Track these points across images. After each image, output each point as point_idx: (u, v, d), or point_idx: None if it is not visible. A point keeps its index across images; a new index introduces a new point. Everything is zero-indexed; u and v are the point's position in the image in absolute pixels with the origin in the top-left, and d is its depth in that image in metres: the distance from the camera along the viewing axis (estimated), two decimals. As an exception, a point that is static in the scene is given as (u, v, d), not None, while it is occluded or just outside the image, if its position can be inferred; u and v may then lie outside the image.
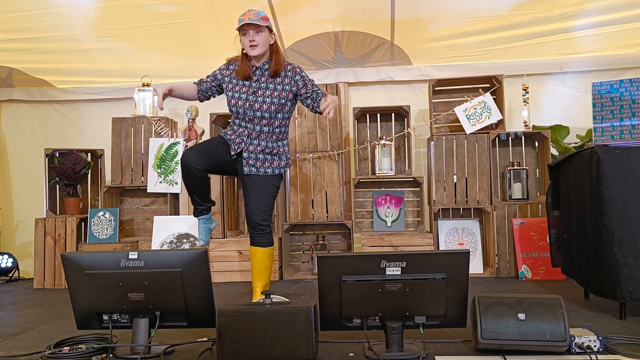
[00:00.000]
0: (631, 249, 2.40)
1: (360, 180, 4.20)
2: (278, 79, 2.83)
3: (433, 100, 4.29)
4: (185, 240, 4.05)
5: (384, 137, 4.24)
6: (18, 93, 4.99)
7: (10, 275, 4.55)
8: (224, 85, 2.93)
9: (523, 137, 4.22)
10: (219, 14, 4.03)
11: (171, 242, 4.02)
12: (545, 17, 3.99)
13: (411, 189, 4.36)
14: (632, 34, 4.15)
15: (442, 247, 4.09)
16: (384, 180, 4.30)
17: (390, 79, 4.66)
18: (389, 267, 1.92)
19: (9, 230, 5.02)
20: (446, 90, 4.40)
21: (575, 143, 4.28)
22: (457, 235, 4.10)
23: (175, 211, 4.31)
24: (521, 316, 1.93)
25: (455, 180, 4.05)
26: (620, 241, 2.42)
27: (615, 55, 4.36)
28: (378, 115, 4.46)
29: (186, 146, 4.27)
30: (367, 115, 4.47)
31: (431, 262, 1.93)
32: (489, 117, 4.02)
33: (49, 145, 4.83)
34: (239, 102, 2.82)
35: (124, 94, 4.82)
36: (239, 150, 2.87)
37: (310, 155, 4.17)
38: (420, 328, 1.98)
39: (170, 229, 4.06)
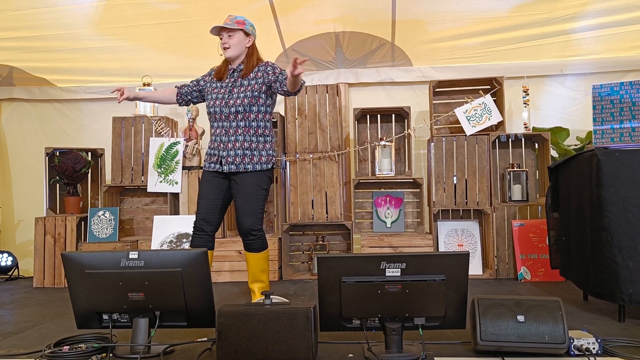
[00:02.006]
0: (630, 251, 2.40)
1: (360, 181, 4.20)
2: (252, 74, 2.89)
3: (433, 102, 4.29)
4: (185, 240, 4.06)
5: (384, 138, 4.25)
6: (19, 92, 4.99)
7: (10, 273, 4.55)
8: (205, 91, 3.01)
9: (523, 139, 4.22)
10: (220, 12, 4.03)
11: (171, 241, 4.03)
12: (545, 19, 4.00)
13: (411, 190, 4.37)
14: (633, 37, 4.16)
15: (442, 248, 4.09)
16: (384, 181, 4.30)
17: (390, 80, 4.66)
18: (388, 268, 1.93)
19: (9, 228, 5.02)
20: (446, 91, 4.40)
21: (575, 145, 4.28)
22: (456, 236, 4.10)
23: (175, 211, 4.32)
24: (520, 318, 1.93)
25: (455, 182, 4.05)
26: (619, 243, 2.42)
27: (615, 57, 4.36)
28: (378, 116, 4.47)
29: (186, 146, 4.28)
30: (368, 116, 4.47)
31: (431, 263, 1.93)
32: (489, 119, 4.03)
33: (49, 144, 4.83)
34: (216, 102, 2.89)
35: (124, 93, 4.81)
36: (221, 156, 2.88)
37: (311, 155, 4.17)
38: (420, 329, 1.99)
39: (170, 229, 4.06)
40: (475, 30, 4.16)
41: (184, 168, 4.22)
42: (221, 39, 2.89)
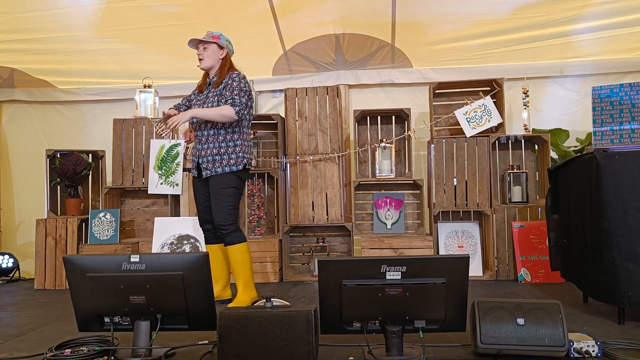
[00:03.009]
0: (630, 253, 2.41)
1: (361, 182, 4.21)
2: (219, 86, 3.10)
3: (433, 103, 4.30)
4: (185, 242, 4.07)
5: (385, 140, 4.25)
6: (19, 93, 5.00)
7: (11, 275, 4.56)
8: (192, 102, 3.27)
9: (523, 141, 4.23)
10: (220, 15, 4.04)
11: (172, 243, 4.04)
12: (545, 20, 4.01)
13: (411, 191, 4.37)
14: (633, 38, 4.17)
15: (442, 249, 4.10)
16: (384, 182, 4.31)
17: (390, 81, 4.67)
18: (389, 271, 1.94)
19: (10, 230, 5.03)
20: (447, 93, 4.41)
21: (575, 146, 4.29)
22: (456, 238, 4.11)
23: (176, 212, 4.33)
24: (520, 321, 1.94)
25: (455, 183, 4.06)
26: (619, 246, 2.43)
27: (615, 59, 4.37)
28: (378, 117, 4.48)
29: (187, 147, 4.29)
30: (368, 117, 4.48)
31: (431, 266, 1.94)
32: (489, 121, 4.03)
33: (50, 146, 4.84)
34: None
35: (125, 95, 4.83)
36: (198, 163, 3.14)
37: (311, 157, 4.18)
38: (420, 332, 1.99)
39: (171, 230, 4.07)
40: (475, 32, 4.17)
41: (184, 170, 4.23)
42: (198, 51, 3.13)
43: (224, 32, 4.18)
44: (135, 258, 2.03)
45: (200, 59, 3.11)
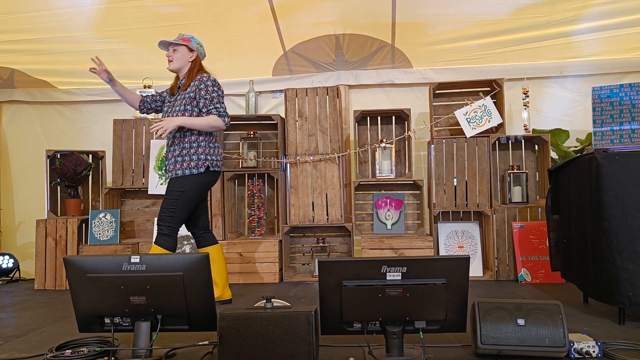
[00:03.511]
0: (630, 254, 2.41)
1: (361, 182, 4.21)
2: (188, 88, 3.06)
3: (433, 104, 4.30)
4: (185, 242, 4.07)
5: (385, 140, 4.25)
6: (19, 94, 5.00)
7: (11, 275, 4.56)
8: (165, 104, 3.22)
9: (523, 141, 4.23)
10: (221, 16, 4.04)
11: (172, 243, 4.03)
12: (545, 21, 4.01)
13: (411, 191, 4.38)
14: (632, 39, 4.17)
15: (442, 250, 4.10)
16: (385, 183, 4.31)
17: (390, 81, 4.66)
18: (389, 272, 1.94)
19: (10, 230, 5.03)
20: (447, 93, 4.41)
21: (575, 147, 4.29)
22: (457, 238, 4.11)
23: (176, 213, 4.32)
24: (520, 321, 1.94)
25: (455, 184, 4.06)
26: (619, 246, 2.43)
27: (615, 59, 4.37)
28: (379, 118, 4.48)
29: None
30: (368, 118, 4.48)
31: (431, 267, 1.94)
32: (489, 121, 4.03)
33: (50, 146, 4.84)
34: (165, 115, 3.11)
35: (125, 95, 4.82)
36: (166, 165, 3.10)
37: (311, 157, 4.18)
38: (420, 333, 1.99)
39: (171, 231, 4.06)
40: (475, 32, 4.17)
41: (184, 170, 4.23)
42: (167, 53, 3.12)
43: (224, 32, 4.22)
44: (135, 259, 2.03)
45: (169, 60, 3.09)
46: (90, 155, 4.46)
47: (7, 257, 4.58)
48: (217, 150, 3.08)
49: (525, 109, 4.09)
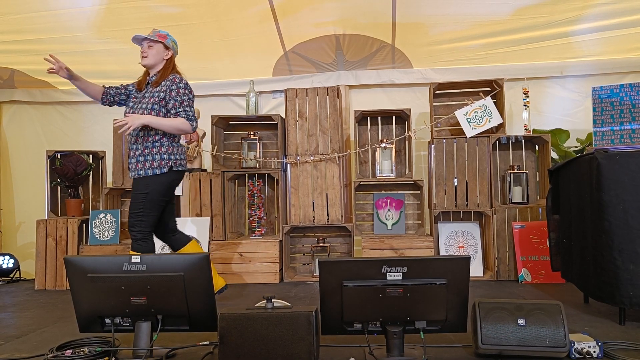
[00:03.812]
0: (631, 254, 2.41)
1: (361, 183, 4.21)
2: (158, 87, 3.00)
3: (434, 104, 4.30)
4: (186, 242, 4.06)
5: (385, 140, 4.26)
6: (20, 94, 5.00)
7: (11, 276, 4.56)
8: (129, 98, 3.14)
9: (523, 141, 4.23)
10: (221, 16, 4.04)
11: (172, 244, 4.03)
12: (546, 21, 4.01)
13: (412, 192, 4.38)
14: (633, 39, 4.17)
15: (443, 250, 4.10)
16: (385, 183, 4.31)
17: (391, 81, 4.67)
18: (390, 272, 1.94)
19: (10, 230, 5.03)
20: (447, 93, 4.41)
21: (576, 147, 4.29)
22: (457, 238, 4.11)
23: (177, 213, 4.32)
24: (521, 322, 1.94)
25: (455, 184, 4.06)
26: (620, 246, 2.43)
27: (615, 59, 4.37)
28: (379, 118, 4.48)
29: (187, 148, 4.29)
30: (368, 118, 4.48)
31: (432, 267, 1.94)
32: (489, 121, 4.03)
33: (50, 147, 4.84)
34: (128, 110, 3.02)
35: (125, 95, 4.83)
36: (129, 163, 3.03)
37: (311, 157, 4.18)
38: (421, 333, 1.99)
39: (171, 231, 4.07)
40: (475, 33, 4.17)
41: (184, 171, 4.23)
42: (142, 48, 3.03)
43: (223, 32, 4.22)
44: (136, 259, 2.03)
45: (144, 56, 3.00)
46: (91, 156, 4.46)
47: (7, 257, 4.58)
48: (180, 149, 3.04)
49: (525, 109, 4.09)
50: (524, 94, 4.10)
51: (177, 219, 4.12)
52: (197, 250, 3.20)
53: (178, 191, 4.18)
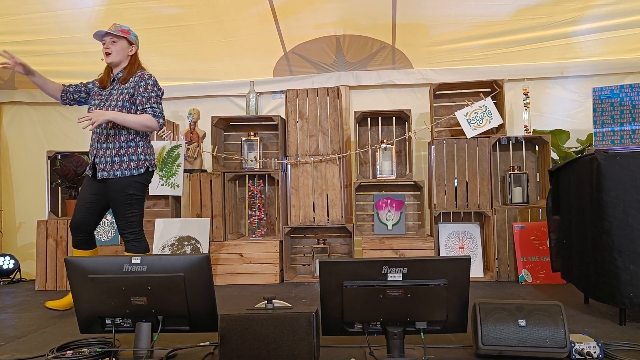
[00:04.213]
0: (631, 254, 2.41)
1: (361, 183, 4.21)
2: (127, 83, 2.96)
3: (434, 104, 4.30)
4: (186, 243, 4.07)
5: (385, 141, 4.26)
6: (20, 95, 5.00)
7: (12, 276, 4.56)
8: (90, 95, 3.10)
9: (524, 142, 4.23)
10: (221, 17, 4.05)
11: (172, 244, 4.04)
12: (546, 22, 4.01)
13: (412, 192, 4.38)
14: (634, 39, 4.17)
15: (443, 250, 4.10)
16: (385, 183, 4.31)
17: (391, 82, 4.67)
18: (390, 272, 1.94)
19: (10, 231, 5.03)
20: (447, 94, 4.41)
21: (576, 147, 4.29)
22: (457, 239, 4.11)
23: (177, 214, 4.33)
24: (521, 322, 1.94)
25: (455, 184, 4.06)
26: (620, 247, 2.43)
27: (616, 59, 4.37)
28: (379, 118, 4.48)
29: (188, 149, 4.29)
30: (368, 118, 4.48)
31: (432, 268, 1.94)
32: (489, 122, 4.03)
33: (50, 147, 4.84)
34: (95, 108, 2.97)
35: (126, 96, 4.83)
36: (94, 162, 2.96)
37: (312, 158, 4.18)
38: (421, 333, 1.99)
39: (172, 232, 4.07)
40: (476, 34, 4.17)
41: (185, 171, 4.24)
42: (104, 44, 2.97)
43: (224, 33, 4.22)
44: (136, 259, 2.04)
45: (107, 53, 2.94)
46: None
47: (7, 257, 4.58)
48: (152, 150, 3.06)
49: (525, 109, 4.09)
50: (524, 94, 4.10)
51: (178, 219, 4.14)
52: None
53: (179, 191, 4.19)
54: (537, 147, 4.21)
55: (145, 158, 2.97)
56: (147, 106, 2.91)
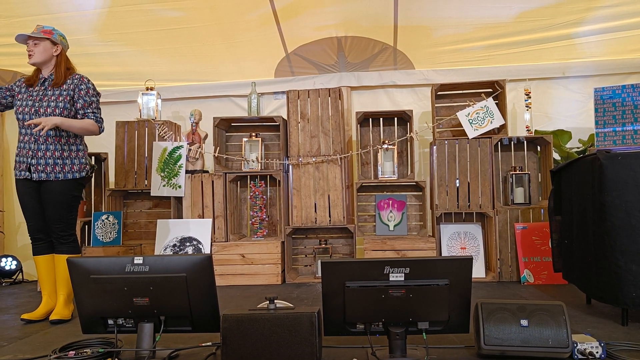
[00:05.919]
0: (633, 255, 2.40)
1: (363, 184, 4.21)
2: (64, 85, 2.97)
3: (436, 105, 4.30)
4: (188, 244, 4.07)
5: (387, 142, 4.26)
6: (22, 96, 5.01)
7: (14, 277, 4.57)
8: (15, 96, 3.04)
9: (525, 142, 4.23)
10: (223, 19, 4.05)
11: (174, 245, 4.04)
12: (548, 24, 4.01)
13: (414, 193, 4.38)
14: (635, 40, 4.17)
15: (445, 251, 4.09)
16: (387, 184, 4.31)
17: (393, 83, 4.67)
18: (392, 273, 1.94)
19: (10, 231, 5.04)
20: (449, 94, 4.41)
21: (578, 148, 4.28)
22: (459, 239, 4.11)
23: (179, 214, 4.33)
24: (524, 322, 1.94)
25: (457, 185, 4.06)
26: (622, 248, 2.42)
27: (617, 60, 4.37)
28: (381, 119, 4.48)
29: (189, 150, 4.30)
30: (370, 119, 4.48)
31: (434, 268, 1.94)
32: (491, 122, 4.03)
33: (53, 149, 4.84)
34: (25, 108, 2.95)
35: (127, 97, 4.84)
36: (30, 164, 2.92)
37: (313, 159, 4.19)
38: (423, 334, 1.99)
39: (174, 233, 4.08)
40: (478, 35, 4.18)
41: (187, 172, 4.24)
42: (27, 47, 2.97)
43: (225, 35, 4.23)
44: (138, 260, 2.04)
45: (30, 55, 2.94)
46: (93, 158, 4.47)
47: (9, 258, 4.59)
48: (87, 154, 3.12)
49: (527, 110, 4.09)
50: (526, 95, 4.10)
51: (180, 220, 4.15)
52: (49, 266, 3.05)
53: (180, 192, 4.19)
54: (539, 148, 4.21)
55: (85, 162, 3.05)
56: (88, 111, 2.96)
